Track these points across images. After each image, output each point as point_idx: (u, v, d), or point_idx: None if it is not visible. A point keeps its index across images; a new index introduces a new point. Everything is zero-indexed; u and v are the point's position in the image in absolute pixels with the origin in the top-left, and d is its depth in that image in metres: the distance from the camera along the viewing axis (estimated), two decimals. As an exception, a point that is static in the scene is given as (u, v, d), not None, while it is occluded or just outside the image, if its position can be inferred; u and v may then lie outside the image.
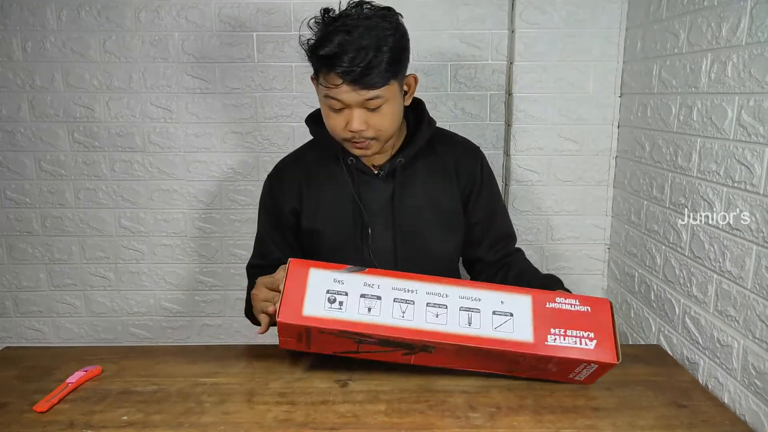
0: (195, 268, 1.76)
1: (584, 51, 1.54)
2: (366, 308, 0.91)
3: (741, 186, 1.02)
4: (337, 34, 0.99)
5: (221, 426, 0.90)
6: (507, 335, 0.91)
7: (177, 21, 1.60)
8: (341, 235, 1.16)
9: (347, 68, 0.99)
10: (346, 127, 1.06)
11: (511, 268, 1.20)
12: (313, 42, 1.03)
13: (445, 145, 1.22)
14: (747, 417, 0.99)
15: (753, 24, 1.00)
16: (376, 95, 1.03)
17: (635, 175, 1.45)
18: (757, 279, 0.98)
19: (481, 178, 1.22)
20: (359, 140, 1.08)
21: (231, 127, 1.67)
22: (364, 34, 0.99)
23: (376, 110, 1.05)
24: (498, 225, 1.24)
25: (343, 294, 0.91)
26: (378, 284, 0.93)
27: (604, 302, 0.96)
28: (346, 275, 0.92)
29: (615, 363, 0.92)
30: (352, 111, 1.04)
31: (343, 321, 0.89)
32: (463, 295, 0.93)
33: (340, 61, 0.98)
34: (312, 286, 0.91)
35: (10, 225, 1.72)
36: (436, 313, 0.91)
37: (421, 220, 1.17)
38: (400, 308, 0.91)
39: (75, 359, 1.11)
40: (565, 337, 0.92)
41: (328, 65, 1.00)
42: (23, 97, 1.64)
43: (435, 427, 0.89)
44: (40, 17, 1.59)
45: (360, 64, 0.98)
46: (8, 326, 1.79)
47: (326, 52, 0.99)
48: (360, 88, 1.01)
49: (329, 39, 0.99)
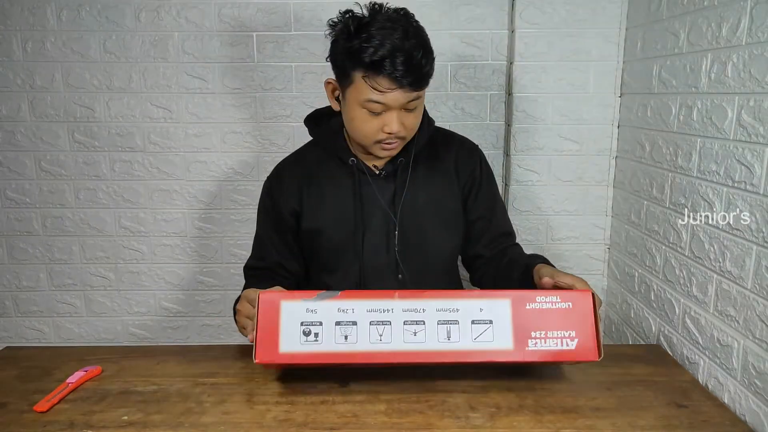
0: (195, 268, 1.76)
1: (584, 51, 1.54)
2: (342, 336, 0.91)
3: (741, 186, 1.02)
4: (385, 38, 0.97)
5: (221, 426, 0.90)
6: (487, 345, 0.91)
7: (177, 21, 1.60)
8: (342, 235, 1.16)
9: (402, 72, 0.98)
10: (382, 130, 1.05)
11: (504, 257, 1.20)
12: (355, 46, 0.99)
13: (444, 144, 1.22)
14: (747, 417, 0.99)
15: (753, 24, 1.00)
16: (418, 95, 1.03)
17: (635, 175, 1.45)
18: (757, 279, 0.98)
19: (480, 175, 1.22)
20: (393, 141, 1.07)
21: (231, 127, 1.67)
22: (408, 35, 0.99)
23: (411, 112, 1.06)
24: (497, 222, 1.24)
25: (317, 324, 0.91)
26: (352, 308, 0.91)
27: (586, 295, 0.93)
28: (319, 303, 0.91)
29: (596, 360, 0.92)
30: (391, 113, 1.03)
31: (320, 354, 0.90)
32: (440, 307, 0.92)
33: (393, 65, 0.97)
34: (285, 320, 0.91)
35: (10, 225, 1.72)
36: (413, 331, 0.91)
37: (422, 219, 1.17)
38: (377, 331, 0.91)
39: (75, 359, 1.11)
40: (545, 340, 0.92)
41: (378, 69, 0.98)
42: (23, 97, 1.64)
43: (435, 427, 0.89)
44: (40, 17, 1.59)
45: (414, 67, 0.98)
46: (8, 326, 1.79)
47: (378, 57, 0.97)
48: (410, 90, 1.01)
49: (378, 43, 0.97)
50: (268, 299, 0.91)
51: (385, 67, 0.98)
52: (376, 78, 0.99)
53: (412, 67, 0.99)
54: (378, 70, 0.98)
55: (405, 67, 0.98)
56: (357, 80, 1.02)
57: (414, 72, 0.99)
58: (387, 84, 0.99)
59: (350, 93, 1.04)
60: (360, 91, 1.02)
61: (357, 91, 1.03)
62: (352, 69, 1.02)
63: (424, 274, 1.20)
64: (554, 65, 1.55)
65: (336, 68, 1.07)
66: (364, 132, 1.07)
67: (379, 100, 1.01)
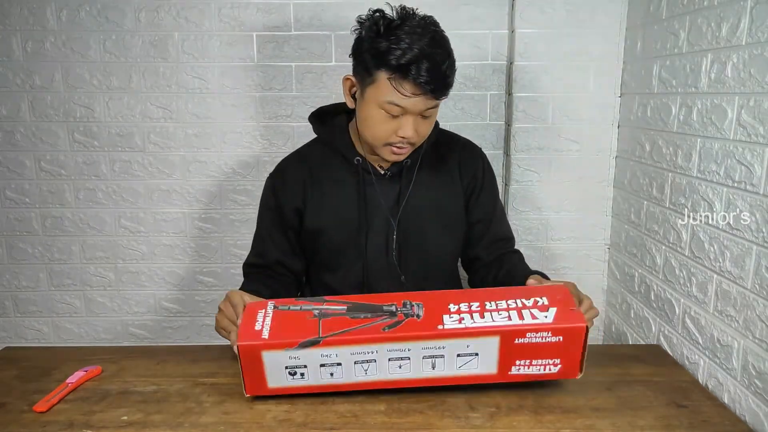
0: (195, 268, 1.76)
1: (584, 51, 1.54)
2: (328, 374, 0.92)
3: (741, 186, 1.02)
4: (414, 42, 0.98)
5: (221, 426, 0.90)
6: (470, 371, 0.92)
7: (177, 21, 1.60)
8: (344, 235, 1.16)
9: (427, 78, 0.98)
10: (396, 133, 1.05)
11: (502, 266, 1.19)
12: (383, 46, 0.99)
13: (448, 146, 1.22)
14: (747, 417, 0.99)
15: (753, 24, 1.00)
16: (436, 104, 1.04)
17: (635, 175, 1.45)
18: (757, 279, 0.98)
19: (482, 177, 1.22)
20: (404, 146, 1.07)
21: (231, 127, 1.67)
22: (436, 43, 1.00)
23: (427, 119, 1.06)
24: (496, 226, 1.24)
25: (302, 367, 0.91)
26: (335, 353, 0.90)
27: (580, 331, 0.89)
28: (301, 351, 0.90)
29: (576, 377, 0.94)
30: (408, 118, 1.04)
31: (308, 387, 0.93)
32: (426, 346, 0.90)
33: (419, 71, 0.97)
34: (269, 365, 0.91)
35: (10, 225, 1.72)
36: (399, 365, 0.91)
37: (425, 221, 1.17)
38: (362, 368, 0.91)
39: (75, 359, 1.11)
40: (529, 366, 0.92)
41: (405, 73, 0.98)
42: (23, 97, 1.64)
43: (435, 427, 0.89)
44: (40, 17, 1.59)
45: (439, 75, 0.99)
46: (8, 326, 1.79)
47: (405, 60, 0.97)
48: (432, 98, 1.01)
49: (407, 46, 0.97)
50: (248, 348, 0.89)
51: (411, 72, 0.98)
52: (401, 81, 0.99)
53: (438, 75, 0.99)
54: (404, 73, 0.99)
55: (430, 75, 0.98)
56: (380, 80, 1.01)
57: (438, 80, 1.00)
58: (411, 89, 1.00)
59: (370, 92, 1.04)
60: (382, 92, 1.02)
61: (378, 91, 1.02)
62: (376, 68, 1.01)
63: (425, 275, 1.20)
64: (554, 65, 1.55)
65: (359, 65, 1.06)
66: (377, 133, 1.06)
67: (400, 103, 1.01)
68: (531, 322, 0.89)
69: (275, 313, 0.94)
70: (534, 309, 0.91)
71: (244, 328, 0.92)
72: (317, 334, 0.89)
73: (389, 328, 0.90)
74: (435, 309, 0.93)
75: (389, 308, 0.93)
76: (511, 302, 0.93)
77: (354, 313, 0.93)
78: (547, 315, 0.90)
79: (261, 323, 0.92)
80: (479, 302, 0.93)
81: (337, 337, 0.89)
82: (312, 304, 0.96)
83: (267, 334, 0.90)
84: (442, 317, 0.91)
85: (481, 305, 0.92)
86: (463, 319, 0.90)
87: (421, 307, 0.93)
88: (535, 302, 0.92)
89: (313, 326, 0.91)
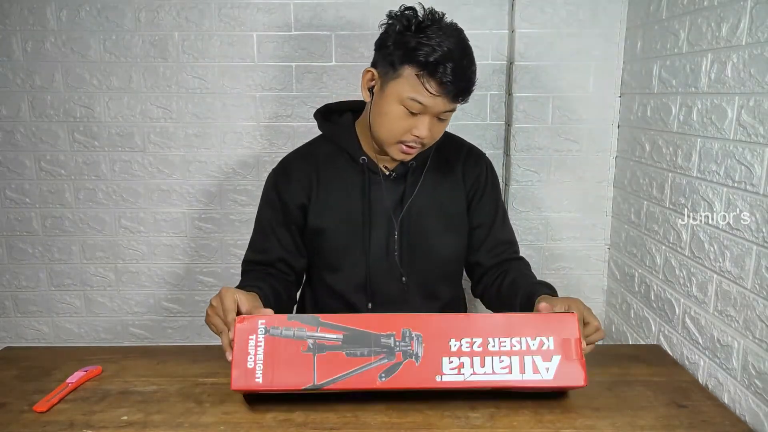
0: (195, 268, 1.76)
1: (584, 51, 1.54)
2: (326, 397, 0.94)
3: (741, 186, 1.02)
4: (443, 42, 0.99)
5: (221, 426, 0.90)
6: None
7: (177, 21, 1.60)
8: (346, 234, 1.16)
9: (452, 79, 0.99)
10: (410, 132, 1.05)
11: (507, 275, 1.17)
12: (412, 42, 1.00)
13: (452, 150, 1.22)
14: (747, 417, 0.99)
15: (753, 24, 1.00)
16: (454, 107, 1.05)
17: (635, 175, 1.45)
18: (757, 279, 0.98)
19: (485, 182, 1.22)
20: (415, 146, 1.08)
21: (231, 127, 1.67)
22: (462, 47, 1.03)
23: (442, 121, 1.07)
24: (498, 230, 1.23)
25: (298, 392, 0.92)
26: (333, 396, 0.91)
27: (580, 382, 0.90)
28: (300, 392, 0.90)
29: None
30: (425, 117, 1.04)
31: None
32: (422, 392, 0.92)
33: (446, 71, 0.99)
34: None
35: (10, 225, 1.72)
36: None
37: (428, 223, 1.17)
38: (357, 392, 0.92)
39: (75, 359, 1.11)
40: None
41: (433, 71, 0.99)
42: (23, 97, 1.64)
43: (435, 427, 0.89)
44: (40, 17, 1.59)
45: (464, 78, 1.01)
46: (8, 326, 1.79)
47: (434, 59, 0.99)
48: (453, 100, 1.03)
49: (437, 44, 0.99)
50: (243, 389, 0.90)
51: (439, 71, 0.99)
52: (428, 79, 1.00)
53: (463, 77, 1.01)
54: (432, 72, 0.99)
55: (456, 76, 0.99)
56: (406, 76, 1.02)
57: (462, 82, 1.01)
58: (436, 88, 1.00)
59: (392, 86, 1.04)
60: (406, 88, 1.02)
61: (402, 87, 1.03)
62: (402, 63, 1.02)
63: (427, 276, 1.19)
64: (554, 65, 1.55)
65: (384, 59, 1.06)
66: (393, 129, 1.06)
67: (423, 101, 1.02)
68: (531, 378, 0.89)
69: (267, 340, 0.90)
70: (537, 355, 0.90)
71: (236, 360, 0.89)
72: (312, 377, 0.88)
73: (386, 376, 0.89)
74: (435, 345, 0.90)
75: (387, 341, 0.90)
76: (515, 342, 0.90)
77: (350, 347, 0.89)
78: (549, 367, 0.89)
79: (253, 357, 0.89)
80: (482, 338, 0.90)
81: (333, 385, 0.89)
82: (306, 328, 0.90)
83: (261, 375, 0.88)
84: (441, 361, 0.89)
85: (483, 343, 0.90)
86: (463, 365, 0.89)
87: (421, 342, 0.89)
88: (540, 345, 0.90)
89: (308, 365, 0.89)
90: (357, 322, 0.91)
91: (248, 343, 0.90)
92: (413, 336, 0.90)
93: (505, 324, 0.92)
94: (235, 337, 0.90)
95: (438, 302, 1.23)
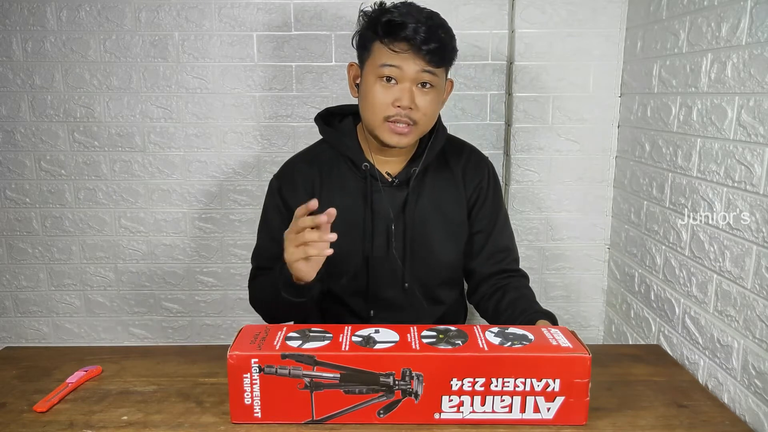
0: (195, 268, 1.76)
1: (584, 51, 1.54)
2: None
3: (741, 186, 1.02)
4: (405, 8, 1.04)
5: (221, 426, 0.90)
6: None
7: (177, 21, 1.60)
8: (349, 240, 1.14)
9: (420, 36, 1.01)
10: (393, 103, 1.06)
11: (506, 294, 1.15)
12: (375, 15, 1.05)
13: (454, 154, 1.21)
14: (747, 417, 0.99)
15: (753, 24, 1.00)
16: (432, 71, 1.05)
17: (635, 175, 1.45)
18: (757, 279, 0.98)
19: (486, 187, 1.20)
20: (403, 119, 1.07)
21: (231, 127, 1.67)
22: (432, 14, 1.06)
23: (425, 92, 1.07)
24: (497, 237, 1.21)
25: None
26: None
27: (580, 421, 0.89)
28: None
29: None
30: (404, 86, 1.05)
31: None
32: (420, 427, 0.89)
33: (410, 29, 1.01)
34: None
35: (10, 225, 1.72)
36: None
37: (430, 229, 1.16)
38: None
39: (75, 359, 1.11)
40: None
41: (395, 32, 1.02)
42: (23, 97, 1.64)
43: (435, 427, 0.89)
44: (40, 17, 1.59)
45: (431, 33, 1.02)
46: (8, 326, 1.79)
47: (398, 21, 1.02)
48: (426, 59, 1.03)
49: (397, 12, 1.03)
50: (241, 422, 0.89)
51: (401, 30, 1.01)
52: (392, 40, 1.03)
53: (429, 34, 1.02)
54: (395, 32, 1.02)
55: (419, 33, 1.01)
56: (376, 48, 1.05)
57: (429, 40, 1.02)
58: (400, 45, 1.03)
59: (368, 66, 1.07)
60: (376, 58, 1.05)
61: (374, 60, 1.06)
62: (371, 41, 1.06)
63: (429, 284, 1.19)
64: (554, 65, 1.55)
65: (358, 48, 1.10)
66: (375, 105, 1.07)
67: (393, 63, 1.03)
68: (531, 416, 0.88)
69: (262, 378, 0.87)
70: (541, 396, 0.87)
71: (233, 396, 0.88)
72: (311, 413, 0.88)
73: (384, 413, 0.88)
74: (435, 384, 0.87)
75: (386, 380, 0.86)
76: (519, 382, 0.86)
77: (348, 385, 0.87)
78: (550, 408, 0.87)
79: (250, 395, 0.88)
80: (485, 378, 0.86)
81: (331, 421, 0.88)
82: (301, 368, 0.86)
83: (259, 411, 0.88)
84: (441, 399, 0.87)
85: (486, 383, 0.86)
86: (463, 403, 0.87)
87: (421, 382, 0.86)
88: (545, 386, 0.86)
89: (305, 402, 0.88)
90: (355, 362, 0.86)
91: (243, 381, 0.87)
92: (413, 375, 0.87)
93: (511, 364, 0.87)
94: (228, 375, 0.87)
95: (440, 307, 1.22)
